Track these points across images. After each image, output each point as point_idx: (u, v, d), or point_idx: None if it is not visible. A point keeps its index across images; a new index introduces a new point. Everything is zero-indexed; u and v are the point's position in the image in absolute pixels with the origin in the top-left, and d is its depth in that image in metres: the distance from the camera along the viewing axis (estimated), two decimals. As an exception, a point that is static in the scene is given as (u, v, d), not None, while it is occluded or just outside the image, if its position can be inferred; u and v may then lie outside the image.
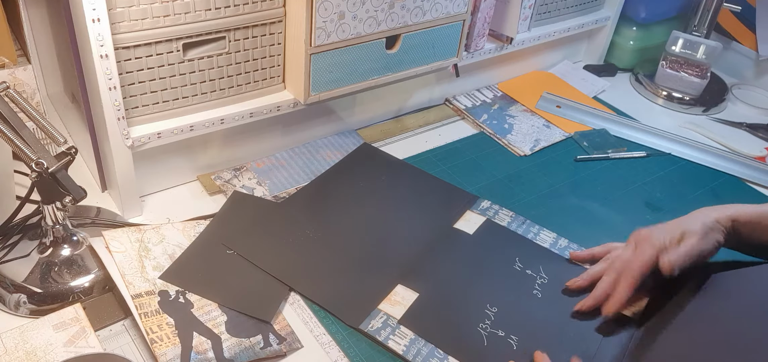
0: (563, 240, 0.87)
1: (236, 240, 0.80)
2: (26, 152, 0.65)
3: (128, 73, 0.76)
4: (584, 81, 1.29)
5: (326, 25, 0.82)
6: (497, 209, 0.90)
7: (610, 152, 1.07)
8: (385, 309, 0.74)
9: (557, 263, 0.83)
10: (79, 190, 0.68)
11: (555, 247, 0.85)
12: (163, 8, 0.74)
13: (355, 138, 1.04)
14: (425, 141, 1.06)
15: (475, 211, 0.89)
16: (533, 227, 0.88)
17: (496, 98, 1.20)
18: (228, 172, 0.93)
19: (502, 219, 0.89)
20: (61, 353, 0.65)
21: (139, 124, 0.80)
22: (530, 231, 0.87)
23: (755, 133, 1.19)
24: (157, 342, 0.66)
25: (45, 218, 0.72)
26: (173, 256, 0.77)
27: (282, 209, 0.86)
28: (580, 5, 1.24)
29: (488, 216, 0.89)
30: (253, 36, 0.83)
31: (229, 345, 0.68)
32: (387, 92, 1.06)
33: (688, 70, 1.25)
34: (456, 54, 1.01)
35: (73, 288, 0.72)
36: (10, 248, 0.74)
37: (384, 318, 0.73)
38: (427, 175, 0.97)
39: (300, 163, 0.97)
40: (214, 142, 0.91)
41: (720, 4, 1.23)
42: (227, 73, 0.84)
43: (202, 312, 0.71)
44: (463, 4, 0.95)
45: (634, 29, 1.32)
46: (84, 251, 0.75)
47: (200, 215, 0.85)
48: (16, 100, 0.69)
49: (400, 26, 0.90)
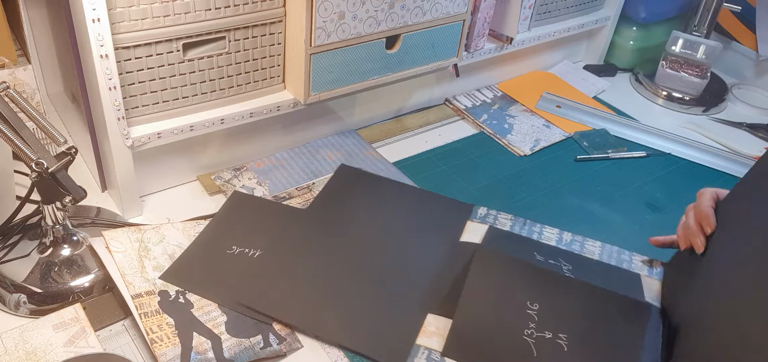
0: (567, 234, 0.87)
1: (248, 295, 0.74)
2: (26, 152, 0.65)
3: (128, 73, 0.76)
4: (584, 81, 1.29)
5: (326, 25, 0.82)
6: (495, 214, 0.89)
7: (610, 152, 1.07)
8: (424, 344, 0.70)
9: (571, 254, 0.83)
10: (79, 190, 0.68)
11: (562, 243, 0.85)
12: (163, 8, 0.74)
13: (355, 138, 1.04)
14: (425, 141, 1.06)
15: (475, 221, 0.88)
16: (535, 226, 0.88)
17: (496, 98, 1.20)
18: (228, 171, 0.93)
19: (503, 223, 0.88)
20: (61, 353, 0.65)
21: (139, 124, 0.80)
22: (533, 231, 0.87)
23: (755, 133, 1.19)
24: (157, 343, 0.66)
25: (45, 218, 0.72)
26: (173, 256, 0.77)
27: (283, 243, 0.81)
28: (580, 5, 1.24)
29: (489, 222, 0.87)
30: (253, 36, 0.83)
31: (229, 345, 0.68)
32: (387, 92, 1.06)
33: (688, 70, 1.25)
34: (456, 54, 1.01)
35: (73, 288, 0.72)
36: (10, 248, 0.74)
37: (426, 353, 0.69)
38: (414, 188, 0.93)
39: (300, 163, 0.97)
40: (214, 142, 0.91)
41: (720, 4, 1.23)
42: (227, 73, 0.84)
43: (202, 312, 0.71)
44: (463, 4, 0.95)
45: (634, 29, 1.32)
46: (84, 251, 0.75)
47: (200, 215, 0.85)
48: (16, 100, 0.69)
49: (400, 26, 0.90)
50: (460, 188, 0.96)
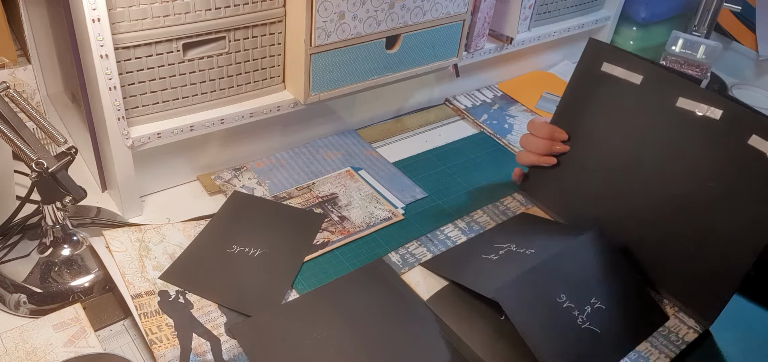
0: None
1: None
2: (26, 152, 0.65)
3: (128, 73, 0.76)
4: (584, 81, 1.29)
5: (326, 25, 0.82)
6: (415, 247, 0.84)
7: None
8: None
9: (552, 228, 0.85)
10: (79, 190, 0.68)
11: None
12: (163, 8, 0.74)
13: (355, 138, 1.04)
14: (425, 141, 1.06)
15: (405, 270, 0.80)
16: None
17: (496, 98, 1.20)
18: (228, 171, 0.93)
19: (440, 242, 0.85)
20: (61, 353, 0.65)
21: (139, 124, 0.80)
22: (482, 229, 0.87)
23: (755, 133, 1.18)
24: (157, 343, 0.66)
25: (45, 218, 0.72)
26: (173, 256, 0.77)
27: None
28: (580, 5, 1.24)
29: (411, 263, 0.81)
30: (253, 36, 0.83)
31: (228, 347, 0.68)
32: (387, 92, 1.06)
33: (688, 70, 1.24)
34: (456, 54, 1.01)
35: (73, 288, 0.72)
36: (10, 248, 0.74)
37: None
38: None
39: (300, 163, 0.97)
40: (214, 142, 0.91)
41: (720, 4, 1.23)
42: (227, 73, 0.84)
43: (201, 313, 0.71)
44: (463, 4, 0.95)
45: (634, 29, 1.32)
46: (84, 251, 0.75)
47: (200, 215, 0.85)
48: (16, 100, 0.69)
49: (400, 26, 0.90)
50: (460, 188, 0.96)
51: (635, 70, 0.81)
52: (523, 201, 0.92)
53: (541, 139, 0.86)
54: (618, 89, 0.82)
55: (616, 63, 0.83)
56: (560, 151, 0.85)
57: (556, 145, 0.85)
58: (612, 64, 0.83)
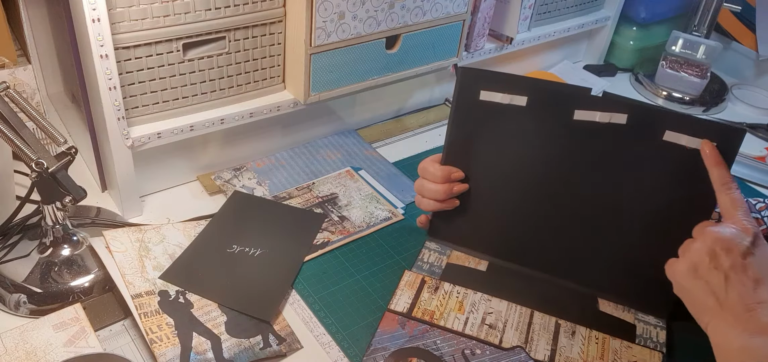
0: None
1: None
2: (26, 152, 0.65)
3: (128, 73, 0.76)
4: (584, 81, 1.29)
5: (326, 25, 0.82)
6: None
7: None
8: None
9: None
10: (79, 190, 0.68)
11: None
12: (163, 8, 0.74)
13: (355, 138, 1.04)
14: (425, 141, 1.06)
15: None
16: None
17: (496, 98, 1.20)
18: (228, 171, 0.93)
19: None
20: (61, 353, 0.65)
21: (139, 124, 0.80)
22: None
23: (755, 133, 1.19)
24: (157, 343, 0.66)
25: (45, 218, 0.72)
26: (173, 256, 0.77)
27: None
28: (580, 5, 1.24)
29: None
30: (253, 36, 0.83)
31: (228, 345, 0.68)
32: (387, 92, 1.06)
33: (688, 70, 1.25)
34: (456, 54, 1.01)
35: (73, 288, 0.72)
36: (10, 248, 0.74)
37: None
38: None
39: (300, 163, 0.97)
40: (214, 142, 0.91)
41: (720, 4, 1.23)
42: (227, 73, 0.84)
43: (201, 313, 0.71)
44: (463, 4, 0.95)
45: (634, 29, 1.32)
46: (84, 251, 0.75)
47: (200, 215, 0.85)
48: (16, 100, 0.69)
49: (400, 26, 0.90)
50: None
51: (518, 92, 0.75)
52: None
53: (438, 184, 0.79)
54: (505, 115, 0.76)
55: (493, 89, 0.76)
56: (460, 191, 0.79)
57: (455, 186, 0.79)
58: (490, 91, 0.76)
